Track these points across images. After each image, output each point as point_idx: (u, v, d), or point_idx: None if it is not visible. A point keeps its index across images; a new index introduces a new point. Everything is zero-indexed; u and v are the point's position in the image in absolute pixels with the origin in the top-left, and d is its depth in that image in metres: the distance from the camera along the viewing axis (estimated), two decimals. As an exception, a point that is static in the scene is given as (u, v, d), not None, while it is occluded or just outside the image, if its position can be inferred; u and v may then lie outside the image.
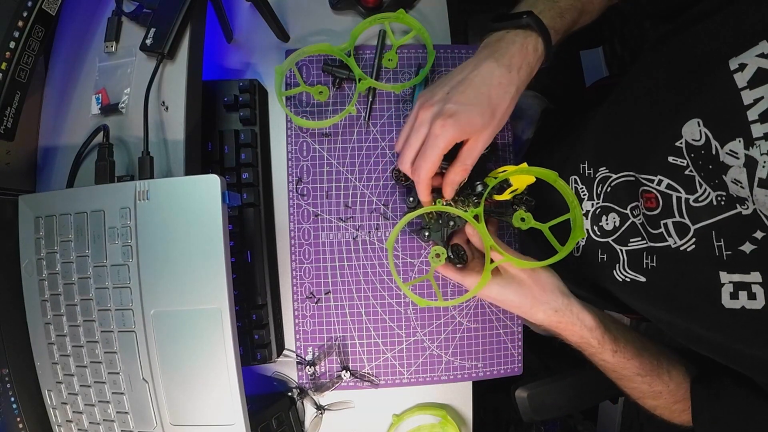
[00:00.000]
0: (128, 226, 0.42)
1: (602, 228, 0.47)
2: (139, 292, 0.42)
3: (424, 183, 0.43)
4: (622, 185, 0.45)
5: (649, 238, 0.42)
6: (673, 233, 0.39)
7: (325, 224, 0.57)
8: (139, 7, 0.50)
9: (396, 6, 0.57)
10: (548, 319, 0.45)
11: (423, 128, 0.41)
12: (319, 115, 0.58)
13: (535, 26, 0.41)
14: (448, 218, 0.49)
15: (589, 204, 0.49)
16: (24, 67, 0.44)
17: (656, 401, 0.47)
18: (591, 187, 0.49)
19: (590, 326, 0.44)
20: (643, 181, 0.41)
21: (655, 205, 0.40)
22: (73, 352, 0.44)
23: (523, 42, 0.41)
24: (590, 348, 0.45)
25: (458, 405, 0.58)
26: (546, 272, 0.45)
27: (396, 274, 0.45)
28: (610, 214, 0.46)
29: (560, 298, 0.44)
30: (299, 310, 0.56)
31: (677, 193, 0.38)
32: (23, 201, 0.46)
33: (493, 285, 0.45)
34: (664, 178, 0.39)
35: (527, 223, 0.44)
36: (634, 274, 0.44)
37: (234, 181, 0.53)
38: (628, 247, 0.45)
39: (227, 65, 0.59)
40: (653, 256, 0.42)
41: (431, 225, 0.49)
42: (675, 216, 0.38)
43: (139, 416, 0.42)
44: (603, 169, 0.47)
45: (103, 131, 0.48)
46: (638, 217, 0.43)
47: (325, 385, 0.55)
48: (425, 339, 0.57)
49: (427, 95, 0.43)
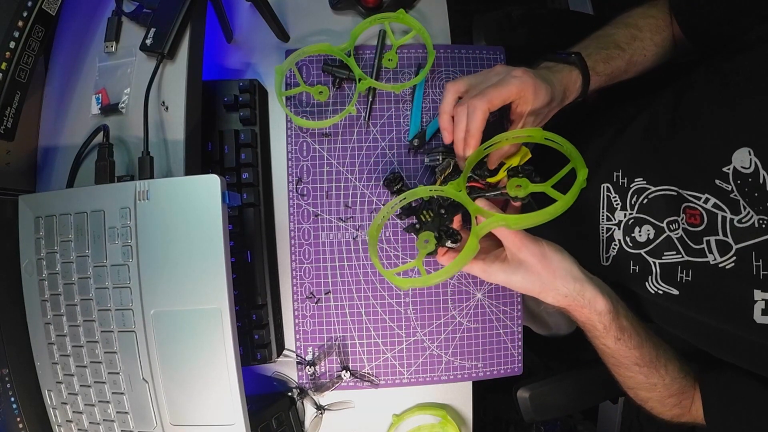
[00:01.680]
0: (128, 226, 0.42)
1: (635, 239, 0.48)
2: (139, 292, 0.42)
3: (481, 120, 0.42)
4: (661, 198, 0.45)
5: (686, 253, 0.43)
6: (714, 250, 0.40)
7: (325, 224, 0.57)
8: (139, 7, 0.50)
9: (396, 6, 0.57)
10: (557, 302, 0.44)
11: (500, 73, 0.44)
12: (319, 115, 0.58)
13: (578, 64, 0.47)
14: (440, 208, 0.46)
15: (621, 214, 0.49)
16: (24, 67, 0.44)
17: (650, 393, 0.47)
18: (625, 197, 0.49)
19: (600, 311, 0.43)
20: (688, 197, 0.42)
21: (699, 222, 0.41)
22: (73, 352, 0.44)
23: (568, 74, 0.47)
24: (594, 330, 0.45)
25: (458, 405, 0.58)
26: (558, 256, 0.43)
27: (377, 261, 0.43)
28: (644, 225, 0.47)
29: (571, 284, 0.43)
30: (299, 310, 0.56)
31: (722, 212, 0.39)
32: (23, 201, 0.46)
33: (499, 272, 0.43)
34: (711, 197, 0.40)
35: (525, 188, 0.41)
36: (668, 287, 0.45)
37: (234, 181, 0.53)
38: (662, 260, 0.45)
39: (227, 65, 0.59)
40: (689, 271, 0.43)
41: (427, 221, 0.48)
42: (719, 234, 0.40)
43: (139, 416, 0.42)
44: (639, 179, 0.48)
45: (103, 131, 0.48)
46: (675, 231, 0.44)
47: (325, 385, 0.55)
48: (425, 339, 0.57)
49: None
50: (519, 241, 0.41)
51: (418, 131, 0.57)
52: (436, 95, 0.58)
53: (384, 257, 0.57)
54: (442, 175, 0.49)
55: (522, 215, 0.40)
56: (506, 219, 0.40)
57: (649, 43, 0.50)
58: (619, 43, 0.49)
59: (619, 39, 0.49)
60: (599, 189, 0.51)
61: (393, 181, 0.54)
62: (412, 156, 0.57)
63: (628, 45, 0.49)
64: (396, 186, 0.54)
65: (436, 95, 0.58)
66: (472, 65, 0.59)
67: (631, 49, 0.49)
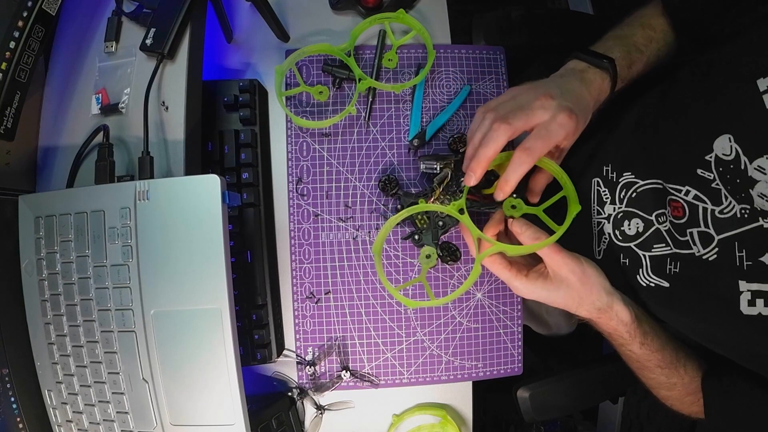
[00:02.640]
0: (128, 226, 0.42)
1: (624, 233, 0.48)
2: (139, 292, 0.42)
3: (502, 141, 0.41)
4: (648, 192, 0.46)
5: (674, 245, 0.43)
6: (698, 242, 0.40)
7: (325, 224, 0.57)
8: (139, 7, 0.50)
9: (396, 6, 0.57)
10: (590, 315, 0.45)
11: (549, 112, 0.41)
12: (319, 115, 0.58)
13: (611, 72, 0.45)
14: (437, 219, 0.49)
15: (611, 208, 0.50)
16: (24, 67, 0.44)
17: (670, 392, 0.49)
18: (614, 191, 0.49)
19: (625, 321, 0.45)
20: (671, 190, 0.42)
21: (681, 214, 0.42)
22: (73, 352, 0.44)
23: (600, 83, 0.46)
24: (620, 339, 0.47)
25: (458, 405, 0.58)
26: (594, 271, 0.45)
27: (385, 279, 0.44)
28: (633, 219, 0.47)
29: (604, 297, 0.44)
30: (299, 310, 0.56)
31: (703, 204, 0.40)
32: (23, 201, 0.46)
33: (541, 290, 0.45)
34: (692, 189, 0.40)
35: (519, 209, 0.43)
36: (658, 279, 0.45)
37: (234, 181, 0.53)
38: (652, 252, 0.46)
39: (227, 65, 0.59)
40: (677, 263, 0.43)
41: (423, 228, 0.49)
42: (700, 226, 0.40)
43: (139, 416, 0.42)
44: (628, 174, 0.48)
45: (103, 131, 0.48)
46: (664, 224, 0.44)
47: (325, 385, 0.55)
48: (425, 339, 0.57)
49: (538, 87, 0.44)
50: (561, 260, 0.43)
51: (418, 131, 0.57)
52: (436, 95, 0.58)
53: (384, 257, 0.57)
54: (440, 186, 0.49)
55: (519, 246, 0.43)
56: (505, 248, 0.43)
57: (662, 44, 0.50)
58: (639, 46, 0.49)
59: (638, 41, 0.49)
60: (590, 183, 0.51)
61: (388, 184, 0.54)
62: (412, 156, 0.57)
63: (646, 47, 0.49)
64: (392, 190, 0.54)
65: (436, 95, 0.58)
66: (472, 65, 0.59)
67: (648, 51, 0.49)
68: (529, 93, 0.43)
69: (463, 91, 0.58)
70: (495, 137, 0.40)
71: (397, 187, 0.54)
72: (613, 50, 0.47)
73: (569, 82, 0.45)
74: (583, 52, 0.47)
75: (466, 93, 0.58)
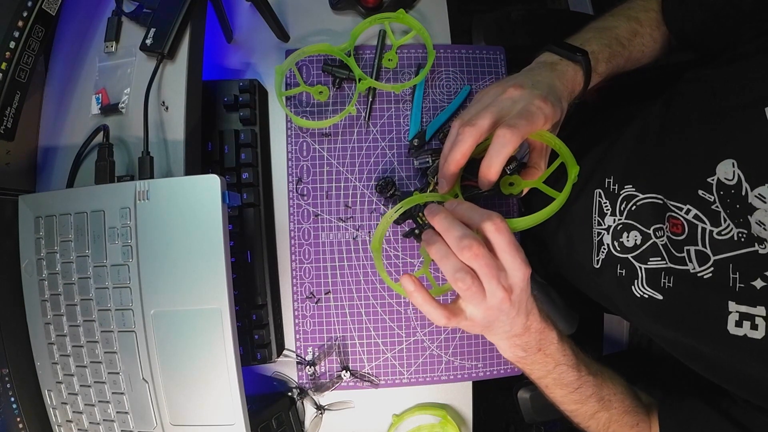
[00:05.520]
0: (128, 226, 0.42)
1: (622, 244, 0.48)
2: (139, 292, 0.42)
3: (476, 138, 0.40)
4: (647, 206, 0.46)
5: (670, 260, 0.43)
6: (694, 260, 0.40)
7: (325, 224, 0.57)
8: (139, 7, 0.50)
9: (396, 6, 0.57)
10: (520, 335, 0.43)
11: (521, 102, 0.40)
12: (319, 115, 0.58)
13: (584, 66, 0.44)
14: None
15: (611, 219, 0.49)
16: (24, 67, 0.44)
17: (608, 411, 0.47)
18: (614, 203, 0.49)
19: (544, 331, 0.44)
20: (671, 207, 0.42)
21: (680, 231, 0.41)
22: (73, 352, 0.44)
23: (573, 76, 0.44)
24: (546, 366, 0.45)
25: (458, 405, 0.58)
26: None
27: (385, 274, 0.43)
28: (631, 231, 0.47)
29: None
30: (299, 310, 0.56)
31: (703, 224, 0.40)
32: (23, 201, 0.46)
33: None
34: (693, 209, 0.40)
35: (517, 185, 0.41)
36: (652, 291, 0.45)
37: (234, 181, 0.53)
38: (648, 265, 0.45)
39: (227, 65, 0.59)
40: (671, 277, 0.43)
41: (424, 224, 0.49)
42: (698, 245, 0.40)
43: (139, 416, 0.42)
44: (629, 186, 0.48)
45: (103, 131, 0.48)
46: (661, 238, 0.44)
47: (325, 385, 0.55)
48: (425, 339, 0.57)
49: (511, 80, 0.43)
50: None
51: (418, 131, 0.57)
52: (436, 95, 0.58)
53: (384, 257, 0.57)
54: (434, 178, 0.49)
55: (522, 218, 0.41)
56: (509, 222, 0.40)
57: (648, 39, 0.49)
58: (620, 40, 0.48)
59: (621, 34, 0.48)
60: (592, 194, 0.51)
61: (385, 186, 0.54)
62: (413, 156, 0.57)
63: (629, 41, 0.48)
64: (389, 192, 0.54)
65: (436, 95, 0.58)
66: (472, 65, 0.59)
67: (631, 45, 0.48)
68: (496, 89, 0.42)
69: (463, 91, 0.58)
70: (461, 140, 0.39)
71: (394, 188, 0.54)
72: (591, 42, 0.46)
73: (539, 74, 0.43)
74: (556, 44, 0.45)
75: (466, 93, 0.58)
